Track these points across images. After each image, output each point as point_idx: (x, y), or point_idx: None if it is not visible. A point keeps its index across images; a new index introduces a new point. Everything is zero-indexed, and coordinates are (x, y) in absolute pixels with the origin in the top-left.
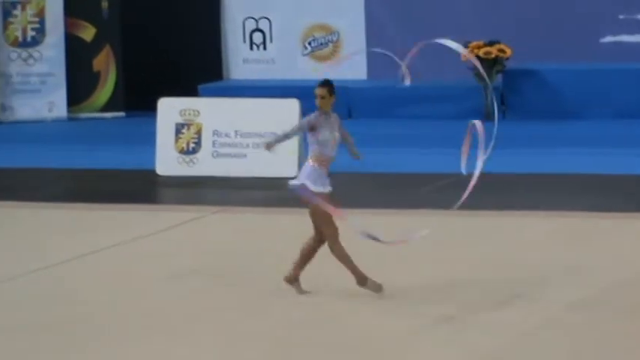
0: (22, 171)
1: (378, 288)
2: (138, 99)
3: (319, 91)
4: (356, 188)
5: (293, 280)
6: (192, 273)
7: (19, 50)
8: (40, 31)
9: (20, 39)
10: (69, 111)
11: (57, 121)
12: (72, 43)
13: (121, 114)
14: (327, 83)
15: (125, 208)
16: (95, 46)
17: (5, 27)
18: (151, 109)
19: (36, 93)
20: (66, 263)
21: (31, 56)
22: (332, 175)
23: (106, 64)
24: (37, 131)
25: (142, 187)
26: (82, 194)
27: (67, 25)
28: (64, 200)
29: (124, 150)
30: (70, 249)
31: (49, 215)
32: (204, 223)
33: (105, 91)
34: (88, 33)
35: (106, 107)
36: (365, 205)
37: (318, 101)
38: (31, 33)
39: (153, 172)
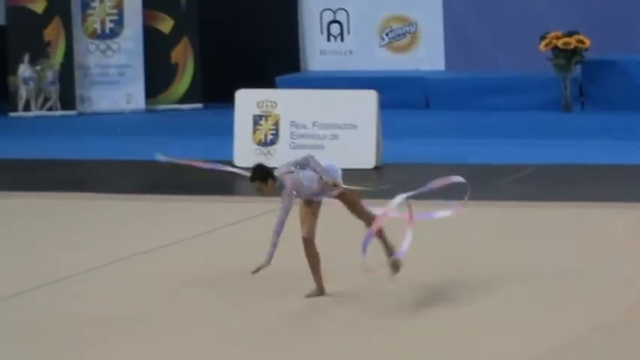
0: (100, 163)
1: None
2: (215, 91)
3: (253, 186)
4: (433, 179)
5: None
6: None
7: (97, 42)
8: (119, 22)
9: (99, 31)
10: (147, 103)
11: (135, 112)
12: (150, 35)
13: (199, 106)
14: (252, 177)
15: (203, 200)
16: (173, 38)
17: (84, 19)
18: (229, 100)
19: (114, 85)
20: (143, 255)
21: (109, 48)
22: (410, 167)
23: (183, 56)
24: (115, 123)
25: (219, 178)
26: (160, 186)
27: (145, 17)
28: (142, 192)
29: (202, 142)
30: (148, 241)
31: (127, 207)
32: None
33: (183, 82)
34: (166, 25)
35: (184, 99)
36: (444, 197)
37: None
38: (109, 25)
39: (231, 164)
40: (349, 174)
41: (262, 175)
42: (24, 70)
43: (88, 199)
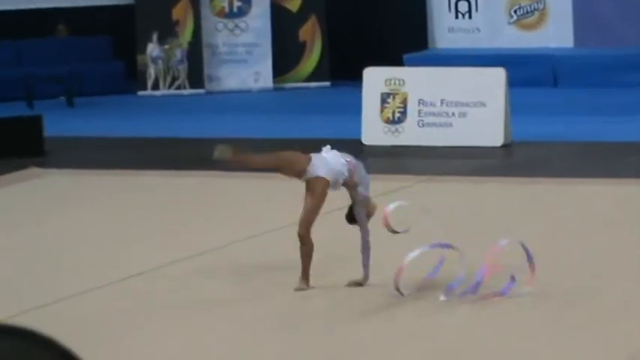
0: (228, 141)
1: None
2: (343, 69)
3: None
4: (563, 157)
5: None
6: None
7: (225, 21)
8: (246, 1)
9: (226, 9)
10: (274, 81)
11: (263, 91)
12: (277, 14)
13: (327, 84)
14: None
15: None
16: (301, 16)
17: None
18: (357, 78)
19: (242, 63)
20: (269, 233)
21: (237, 27)
22: (537, 145)
23: (311, 35)
24: (243, 101)
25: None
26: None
27: None
28: (270, 170)
29: (330, 119)
30: (276, 219)
31: (256, 184)
32: (410, 192)
33: (310, 61)
34: (293, 3)
35: (312, 77)
36: (571, 174)
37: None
38: (237, 4)
39: (358, 142)
40: (477, 152)
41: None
42: (152, 49)
43: (217, 177)
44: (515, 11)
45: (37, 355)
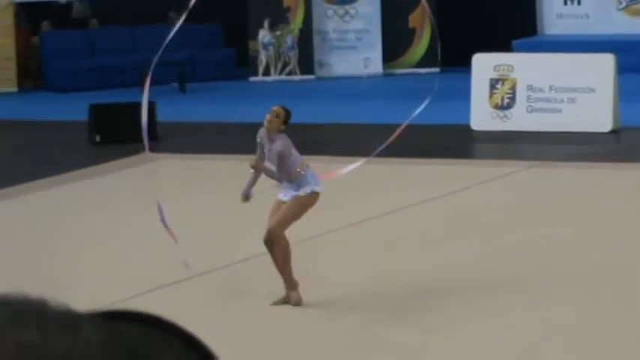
0: (338, 126)
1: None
2: (452, 55)
3: (274, 108)
4: None
5: None
6: (507, 228)
7: (335, 7)
8: None
9: None
10: (384, 67)
11: (372, 77)
12: (387, 1)
13: (436, 70)
14: (284, 107)
15: (440, 163)
16: (410, 3)
17: None
18: (466, 64)
19: (352, 49)
20: (379, 218)
21: (347, 13)
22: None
23: (420, 21)
24: (352, 87)
25: (456, 141)
26: (398, 149)
27: None
28: (380, 155)
29: (439, 105)
30: (385, 203)
31: (366, 169)
32: (519, 177)
33: (420, 47)
34: None
35: (421, 63)
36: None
37: (268, 117)
38: None
39: (467, 127)
40: (586, 137)
41: (288, 114)
42: (264, 35)
43: (326, 162)
44: None
45: (161, 340)
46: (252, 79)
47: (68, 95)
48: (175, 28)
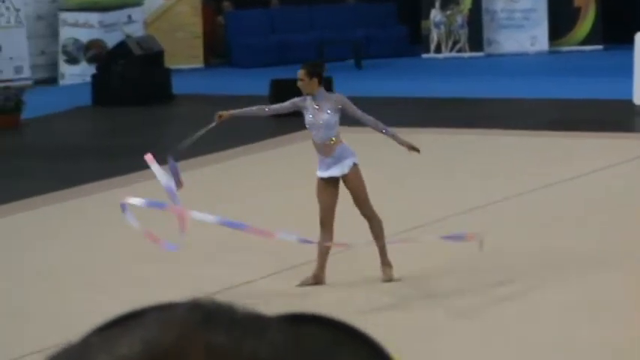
0: (506, 101)
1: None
2: (616, 33)
3: (299, 74)
4: None
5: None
6: None
7: None
8: None
9: None
10: (550, 44)
11: (539, 54)
12: None
13: (599, 47)
14: (306, 65)
15: (601, 137)
16: None
17: None
18: (629, 42)
19: (519, 28)
20: (536, 191)
21: None
22: None
23: (586, 0)
24: (519, 63)
25: (618, 116)
26: (562, 123)
27: None
28: (546, 128)
29: (602, 81)
30: (556, 174)
31: (532, 142)
32: None
33: (584, 25)
34: None
35: (585, 41)
36: None
37: (298, 83)
38: None
39: (630, 102)
40: None
41: (313, 68)
42: (435, 14)
43: (494, 135)
44: None
45: (349, 347)
46: (424, 55)
47: (250, 70)
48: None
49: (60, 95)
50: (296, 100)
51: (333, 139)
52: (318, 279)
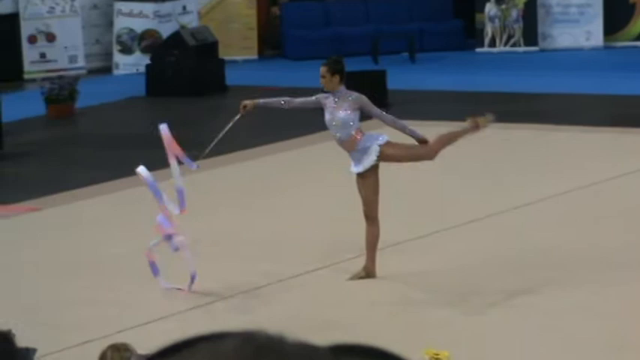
0: (560, 96)
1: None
2: None
3: (321, 70)
4: None
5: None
6: None
7: None
8: None
9: None
10: (605, 40)
11: (593, 49)
12: None
13: None
14: (329, 62)
15: None
16: None
17: None
18: None
19: (574, 23)
20: (593, 186)
21: None
22: None
23: None
24: (574, 59)
25: None
26: (618, 119)
27: None
28: (600, 124)
29: None
30: (602, 172)
31: (586, 138)
32: None
33: (639, 21)
34: None
35: None
36: None
37: (320, 80)
38: None
39: None
40: None
41: (335, 65)
42: (490, 8)
43: (548, 130)
44: None
45: None
46: (479, 49)
47: (304, 63)
48: None
49: (114, 85)
50: (320, 96)
51: (353, 134)
52: (369, 272)
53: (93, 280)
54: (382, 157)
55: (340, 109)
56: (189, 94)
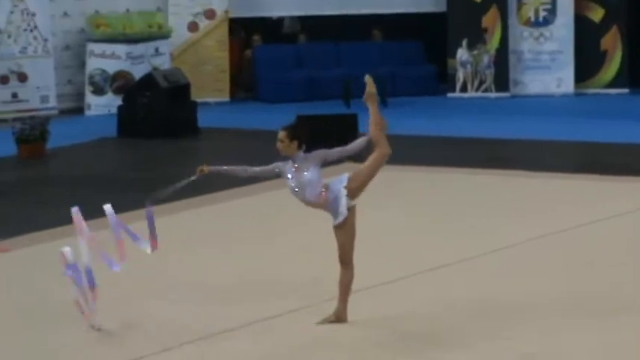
0: (530, 142)
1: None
2: None
3: (279, 135)
4: None
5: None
6: None
7: (530, 29)
8: (552, 11)
9: (532, 19)
10: (575, 87)
11: (564, 96)
12: (580, 24)
13: (626, 90)
14: (288, 127)
15: (629, 180)
16: (603, 26)
17: (519, 8)
18: None
19: (546, 69)
20: (568, 231)
21: (542, 35)
22: None
23: (613, 44)
24: (545, 105)
25: None
26: (588, 166)
27: (577, 7)
28: (569, 171)
29: (629, 124)
30: (573, 218)
31: (557, 184)
32: None
33: (611, 68)
34: (597, 14)
35: (612, 84)
36: None
37: (277, 144)
38: (542, 13)
39: None
40: None
41: (294, 130)
42: (462, 54)
43: (520, 177)
44: None
45: None
46: (450, 94)
47: (277, 106)
48: None
49: (86, 125)
50: (279, 164)
51: (322, 192)
52: (339, 316)
53: (55, 327)
54: (352, 194)
55: (302, 170)
56: (161, 136)
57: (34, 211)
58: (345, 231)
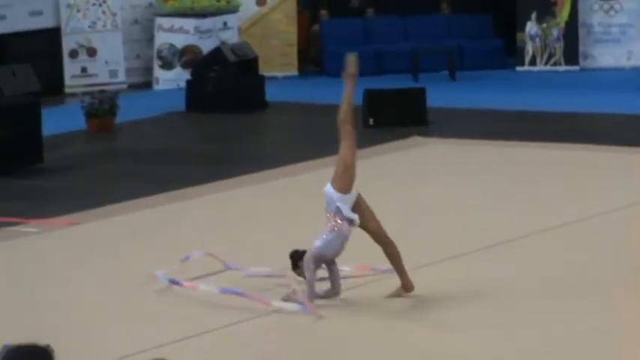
0: (599, 116)
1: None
2: None
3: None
4: None
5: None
6: None
7: (601, 2)
8: None
9: None
10: None
11: (635, 69)
12: None
13: None
14: (293, 265)
15: None
16: None
17: None
18: None
19: (615, 42)
20: (622, 210)
21: (612, 8)
22: None
23: None
24: (615, 78)
25: None
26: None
27: None
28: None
29: None
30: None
31: (630, 159)
32: None
33: None
34: None
35: None
36: None
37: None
38: None
39: None
40: None
41: (292, 259)
42: (531, 27)
43: (587, 150)
44: None
45: None
46: (519, 68)
47: None
48: None
49: (154, 100)
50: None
51: (332, 224)
52: (407, 287)
53: (128, 296)
54: (340, 187)
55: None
56: (229, 110)
57: (103, 185)
58: (366, 219)
